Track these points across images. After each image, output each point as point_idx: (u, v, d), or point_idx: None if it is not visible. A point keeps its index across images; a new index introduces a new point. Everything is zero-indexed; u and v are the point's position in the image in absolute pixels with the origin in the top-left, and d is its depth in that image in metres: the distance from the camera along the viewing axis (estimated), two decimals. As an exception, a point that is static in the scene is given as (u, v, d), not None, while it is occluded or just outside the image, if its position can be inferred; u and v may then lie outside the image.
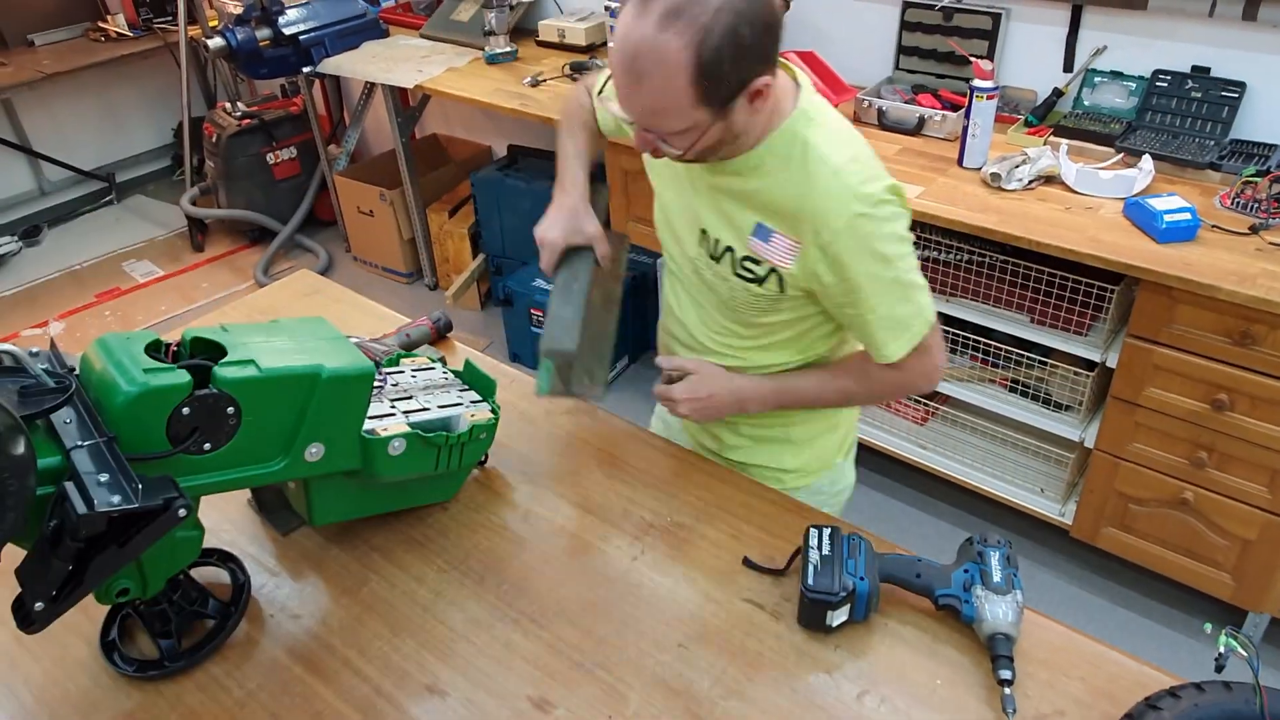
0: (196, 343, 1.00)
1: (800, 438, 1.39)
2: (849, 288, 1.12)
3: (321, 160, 4.01)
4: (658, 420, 1.61)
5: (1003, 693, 0.97)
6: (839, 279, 1.12)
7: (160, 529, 0.86)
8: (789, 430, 1.38)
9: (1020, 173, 2.10)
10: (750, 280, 1.19)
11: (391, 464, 1.11)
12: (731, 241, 1.19)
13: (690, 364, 1.30)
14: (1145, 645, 2.19)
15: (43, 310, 3.84)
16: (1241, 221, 1.91)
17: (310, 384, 0.99)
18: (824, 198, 1.08)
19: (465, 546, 1.22)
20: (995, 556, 1.06)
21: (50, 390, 0.88)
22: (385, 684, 1.04)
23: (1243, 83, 2.11)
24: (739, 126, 1.07)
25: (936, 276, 2.24)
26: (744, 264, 1.19)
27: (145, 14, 4.39)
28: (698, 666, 1.04)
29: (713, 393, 1.27)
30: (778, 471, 1.40)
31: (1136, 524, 2.12)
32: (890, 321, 1.14)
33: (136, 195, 4.82)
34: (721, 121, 1.03)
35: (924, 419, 2.54)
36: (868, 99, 2.46)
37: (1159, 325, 1.87)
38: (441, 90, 2.97)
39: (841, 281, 1.12)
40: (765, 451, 1.40)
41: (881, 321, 1.14)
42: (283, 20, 3.34)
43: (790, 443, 1.39)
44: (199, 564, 1.12)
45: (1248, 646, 0.89)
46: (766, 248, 1.15)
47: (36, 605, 0.86)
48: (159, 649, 1.06)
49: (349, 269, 4.04)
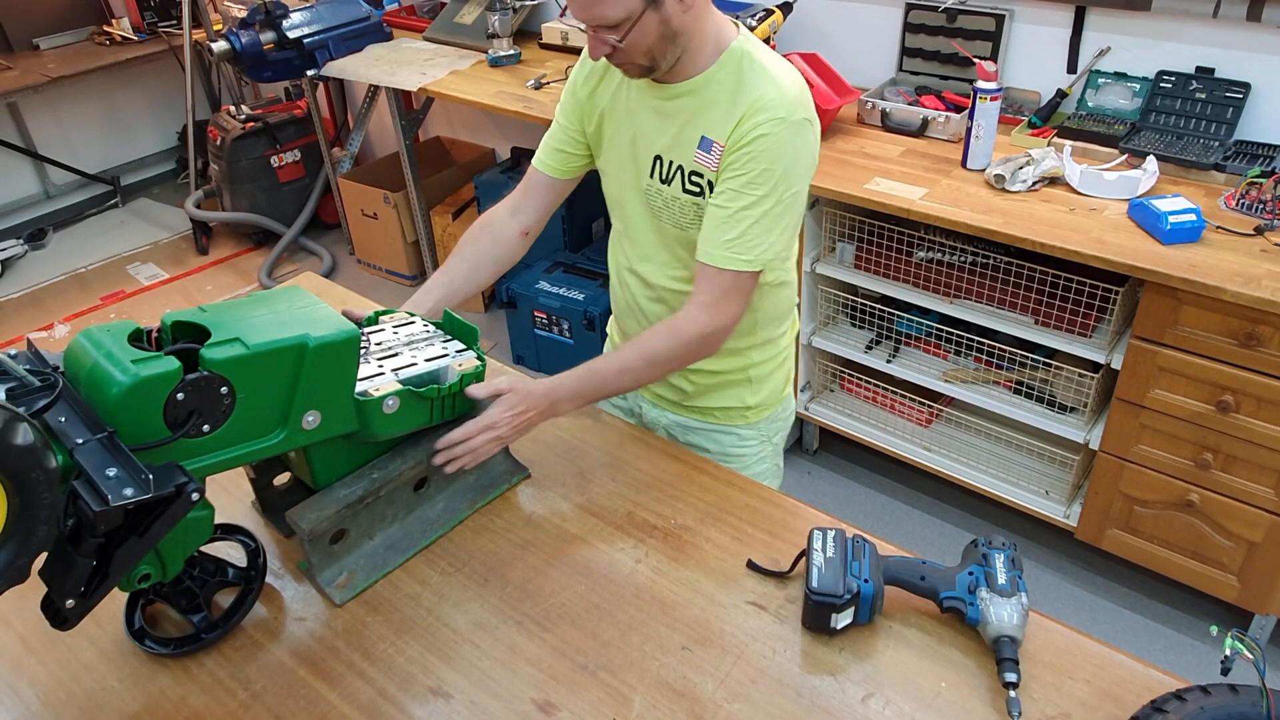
0: (178, 326, 1.01)
1: (758, 375, 1.49)
2: (734, 176, 1.23)
3: (325, 163, 4.02)
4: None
5: (1008, 695, 0.96)
6: (735, 170, 1.22)
7: (176, 514, 0.87)
8: (748, 370, 1.48)
9: (1024, 174, 2.10)
10: (696, 194, 1.29)
11: (387, 422, 1.13)
12: (681, 160, 1.29)
13: (500, 383, 1.26)
14: (1150, 648, 2.19)
15: (48, 313, 3.85)
16: (1246, 222, 1.91)
17: (299, 354, 1.00)
18: (757, 100, 1.21)
19: (469, 549, 1.22)
20: (1000, 559, 1.06)
21: (38, 389, 0.89)
22: (389, 686, 1.04)
23: (1247, 83, 2.11)
24: (674, 24, 1.18)
25: (940, 278, 2.24)
26: (691, 179, 1.29)
27: (150, 18, 4.40)
28: (702, 669, 1.04)
29: (529, 406, 1.25)
30: (742, 410, 1.50)
31: (1141, 526, 2.11)
32: (739, 233, 1.23)
33: (141, 198, 4.84)
34: (655, 13, 1.15)
35: (928, 421, 2.54)
36: (871, 101, 2.46)
37: (1164, 327, 1.86)
38: (445, 93, 2.98)
39: (734, 172, 1.22)
40: (728, 394, 1.49)
41: (733, 226, 1.23)
42: (287, 24, 3.35)
43: (750, 381, 1.49)
44: (211, 540, 1.13)
45: (1254, 649, 0.89)
46: (708, 157, 1.26)
47: (67, 603, 0.87)
48: (192, 624, 1.09)
49: (353, 272, 4.05)
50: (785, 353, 1.53)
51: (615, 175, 1.41)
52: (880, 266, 2.34)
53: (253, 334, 0.98)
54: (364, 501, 1.15)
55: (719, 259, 1.25)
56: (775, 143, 1.20)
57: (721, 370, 1.46)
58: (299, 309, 1.09)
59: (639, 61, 1.21)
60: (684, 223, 1.33)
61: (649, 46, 1.19)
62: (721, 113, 1.24)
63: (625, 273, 1.47)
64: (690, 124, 1.27)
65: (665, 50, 1.20)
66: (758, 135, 1.20)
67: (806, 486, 2.73)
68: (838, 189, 2.17)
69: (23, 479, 0.78)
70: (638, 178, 1.36)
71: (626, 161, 1.37)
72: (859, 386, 2.63)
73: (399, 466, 1.18)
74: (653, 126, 1.31)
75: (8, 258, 4.22)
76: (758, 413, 1.52)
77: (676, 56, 1.23)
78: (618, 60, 1.23)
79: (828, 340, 2.54)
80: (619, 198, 1.42)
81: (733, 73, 1.24)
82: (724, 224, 1.24)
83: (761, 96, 1.21)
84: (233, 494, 1.31)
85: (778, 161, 1.21)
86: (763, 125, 1.20)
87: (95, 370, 0.90)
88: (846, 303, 2.53)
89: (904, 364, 2.44)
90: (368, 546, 1.19)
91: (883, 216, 2.24)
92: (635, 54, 1.20)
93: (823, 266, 2.41)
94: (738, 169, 1.22)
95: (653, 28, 1.17)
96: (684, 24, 1.19)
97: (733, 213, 1.23)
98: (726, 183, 1.24)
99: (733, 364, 1.45)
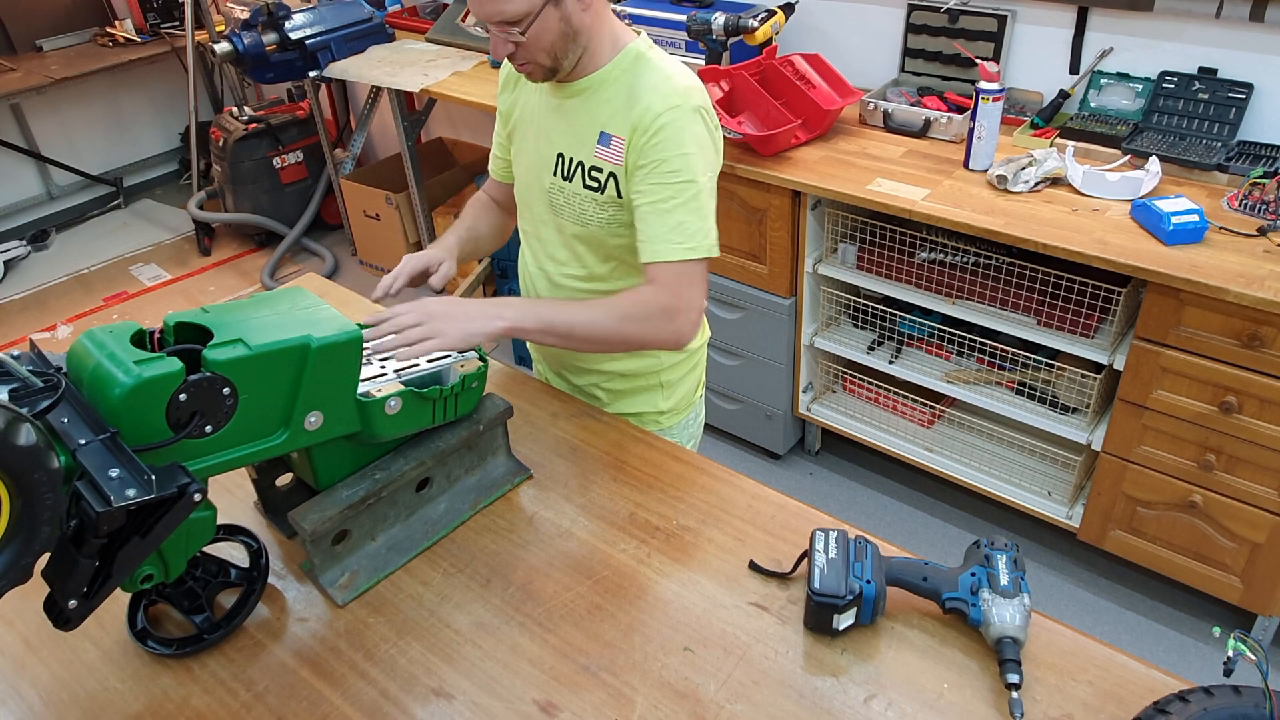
0: (180, 327, 1.01)
1: (669, 380, 1.52)
2: (650, 170, 1.25)
3: (328, 164, 4.02)
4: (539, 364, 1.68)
5: (1010, 697, 0.96)
6: (648, 163, 1.25)
7: (179, 515, 0.87)
8: (659, 375, 1.51)
9: (1026, 175, 2.09)
10: (595, 189, 1.32)
11: (389, 423, 1.13)
12: (581, 155, 1.33)
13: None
14: (1153, 649, 2.18)
15: (51, 314, 3.86)
16: (1249, 223, 1.90)
17: (301, 355, 1.00)
18: (651, 92, 1.25)
19: (471, 550, 1.22)
20: (1002, 560, 1.06)
21: (40, 390, 0.89)
22: (391, 687, 1.04)
23: (1250, 84, 2.11)
24: (574, 21, 1.22)
25: (942, 279, 2.24)
26: (591, 174, 1.32)
27: (153, 19, 4.41)
28: (704, 670, 1.04)
29: (455, 300, 1.27)
30: (655, 415, 1.54)
31: (1144, 527, 2.11)
32: (674, 223, 1.26)
33: (144, 199, 4.85)
34: (555, 9, 1.19)
35: (930, 422, 2.54)
36: (873, 101, 2.46)
37: (1166, 327, 1.86)
38: (447, 94, 2.98)
39: (648, 166, 1.25)
40: (642, 399, 1.53)
41: (666, 217, 1.26)
42: (289, 25, 3.35)
43: (662, 387, 1.52)
44: (213, 540, 1.13)
45: (1257, 650, 0.88)
46: (607, 151, 1.30)
47: (70, 603, 0.87)
48: (194, 625, 1.09)
49: (355, 273, 4.05)
50: (696, 357, 1.57)
51: (523, 177, 1.45)
52: (882, 267, 2.34)
53: (255, 335, 0.98)
54: (366, 502, 1.15)
55: (661, 252, 1.27)
56: (677, 130, 1.24)
57: (633, 373, 1.49)
58: (301, 310, 1.09)
59: (542, 61, 1.25)
60: (584, 218, 1.36)
61: (550, 44, 1.23)
62: (619, 107, 1.28)
63: (534, 273, 1.50)
64: (589, 120, 1.31)
65: (566, 49, 1.25)
66: (660, 125, 1.24)
67: (808, 487, 2.73)
68: (840, 190, 2.17)
69: (25, 480, 0.78)
70: (541, 177, 1.39)
71: (533, 163, 1.41)
72: (861, 387, 2.63)
73: (401, 467, 1.18)
74: (553, 125, 1.36)
75: (11, 259, 4.23)
76: (670, 418, 1.55)
77: (577, 56, 1.27)
78: (520, 60, 1.26)
79: (830, 341, 2.54)
80: (527, 199, 1.46)
81: (627, 70, 1.29)
82: (656, 218, 1.26)
83: (655, 88, 1.25)
84: (235, 495, 1.32)
85: (684, 145, 1.25)
86: (663, 115, 1.24)
87: (98, 371, 0.90)
88: (848, 304, 2.53)
89: (906, 365, 2.44)
90: (370, 547, 1.19)
91: (885, 217, 2.24)
92: (537, 52, 1.23)
93: (825, 267, 2.41)
94: (651, 160, 1.25)
95: (553, 24, 1.21)
96: (583, 22, 1.24)
97: (659, 203, 1.26)
98: (644, 178, 1.26)
99: (644, 365, 1.49)
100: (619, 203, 1.32)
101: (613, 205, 1.33)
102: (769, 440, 2.77)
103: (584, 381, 1.54)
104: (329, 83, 3.96)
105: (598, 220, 1.35)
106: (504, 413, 1.28)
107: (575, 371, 1.54)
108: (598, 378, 1.51)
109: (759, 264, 2.45)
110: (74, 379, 0.94)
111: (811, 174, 2.24)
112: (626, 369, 1.49)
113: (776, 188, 2.29)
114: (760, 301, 2.50)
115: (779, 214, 2.33)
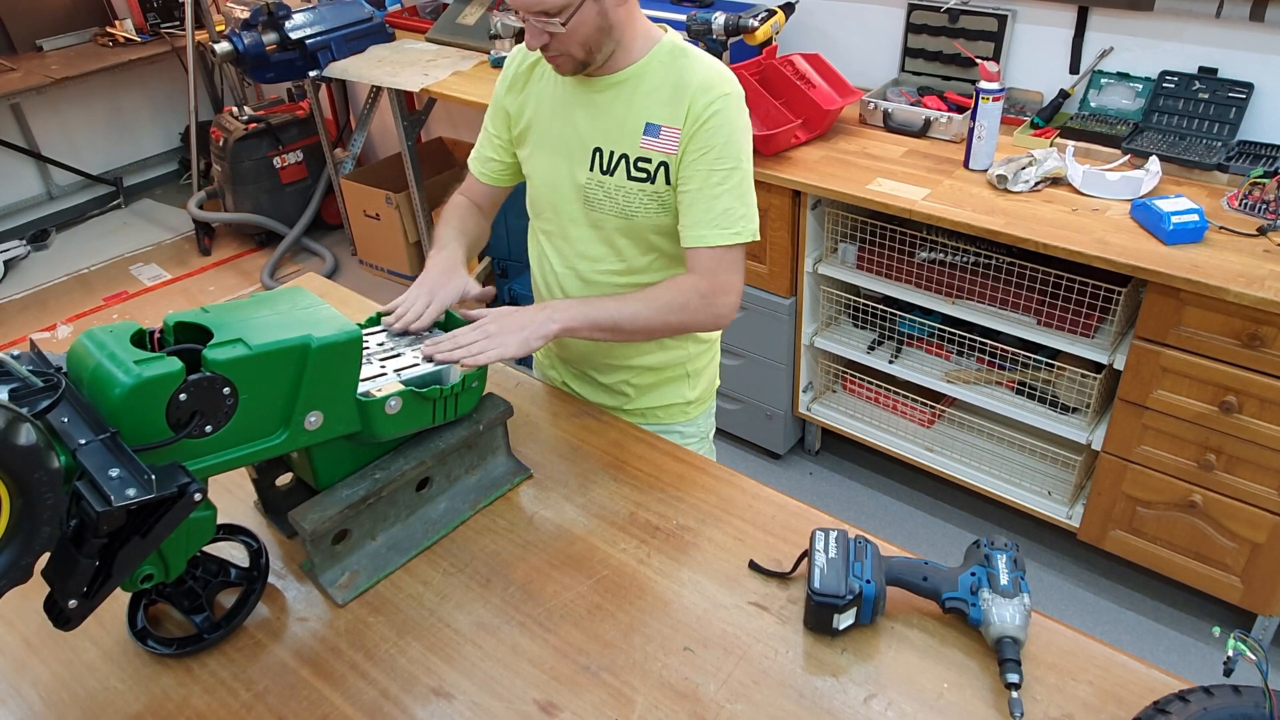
0: (180, 327, 1.01)
1: (695, 369, 1.54)
2: (699, 157, 1.27)
3: (328, 164, 4.02)
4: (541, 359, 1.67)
5: (1010, 696, 0.96)
6: (698, 150, 1.27)
7: (179, 515, 0.87)
8: (686, 365, 1.52)
9: (1026, 174, 2.09)
10: (644, 180, 1.32)
11: (389, 423, 1.13)
12: (625, 148, 1.32)
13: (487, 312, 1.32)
14: (1153, 649, 2.18)
15: (51, 314, 3.86)
16: (1249, 223, 1.90)
17: (301, 355, 1.00)
18: (703, 80, 1.28)
19: (471, 549, 1.22)
20: (1002, 559, 1.06)
21: (40, 390, 0.89)
22: (392, 687, 1.04)
23: (1250, 84, 2.11)
24: (611, 16, 1.23)
25: (942, 278, 2.24)
26: (637, 165, 1.32)
27: (153, 19, 4.41)
28: (704, 670, 1.04)
29: (519, 311, 1.29)
30: (683, 405, 1.55)
31: (1144, 527, 2.11)
32: (720, 209, 1.28)
33: (144, 199, 4.84)
34: (594, 3, 1.20)
35: (930, 421, 2.54)
36: (873, 101, 2.46)
37: (1166, 327, 1.86)
38: (447, 94, 2.98)
39: (697, 152, 1.27)
40: (669, 390, 1.54)
41: (714, 203, 1.28)
42: (289, 25, 3.35)
43: (688, 376, 1.54)
44: (213, 540, 1.13)
45: (1256, 650, 0.88)
46: (657, 142, 1.30)
47: (70, 603, 0.87)
48: (194, 625, 1.09)
49: (355, 272, 4.05)
50: (715, 344, 1.60)
51: (544, 178, 1.42)
52: (882, 267, 2.34)
53: (255, 335, 0.98)
54: (366, 502, 1.15)
55: (707, 238, 1.29)
56: (728, 117, 1.27)
57: (662, 365, 1.51)
58: (301, 310, 1.09)
59: (575, 54, 1.25)
60: (629, 210, 1.35)
61: (586, 37, 1.23)
62: (665, 98, 1.29)
63: (562, 273, 1.47)
64: (629, 112, 1.31)
65: (601, 42, 1.25)
66: (712, 112, 1.26)
67: (808, 487, 2.72)
68: (840, 189, 2.17)
69: (26, 480, 0.78)
70: (575, 174, 1.37)
71: (558, 162, 1.39)
72: (861, 387, 2.63)
73: (401, 467, 1.18)
74: (587, 120, 1.34)
75: (11, 258, 4.23)
76: (697, 407, 1.58)
77: (610, 50, 1.28)
78: (554, 51, 1.25)
79: (830, 341, 2.54)
80: (551, 199, 1.43)
81: (667, 63, 1.30)
82: (703, 204, 1.29)
83: (705, 77, 1.28)
84: (235, 494, 1.32)
85: (734, 133, 1.28)
86: (715, 102, 1.27)
87: (98, 371, 0.91)
88: (849, 303, 2.53)
89: (906, 365, 2.44)
90: (370, 547, 1.19)
91: (885, 217, 2.24)
92: (572, 45, 1.24)
93: (825, 267, 2.41)
94: (701, 147, 1.27)
95: (591, 17, 1.22)
96: (619, 17, 1.25)
97: (706, 189, 1.28)
98: (694, 164, 1.28)
99: (673, 358, 1.50)
100: (668, 188, 1.33)
101: (665, 194, 1.33)
102: (769, 440, 2.78)
103: (612, 379, 1.52)
104: (329, 82, 3.96)
105: (644, 211, 1.34)
106: (504, 412, 1.28)
107: (604, 370, 1.52)
108: (628, 374, 1.51)
109: (759, 263, 2.45)
110: (74, 379, 0.94)
111: (812, 174, 2.24)
112: (655, 362, 1.50)
113: (776, 187, 2.29)
114: (760, 301, 2.51)
115: (779, 214, 2.33)
